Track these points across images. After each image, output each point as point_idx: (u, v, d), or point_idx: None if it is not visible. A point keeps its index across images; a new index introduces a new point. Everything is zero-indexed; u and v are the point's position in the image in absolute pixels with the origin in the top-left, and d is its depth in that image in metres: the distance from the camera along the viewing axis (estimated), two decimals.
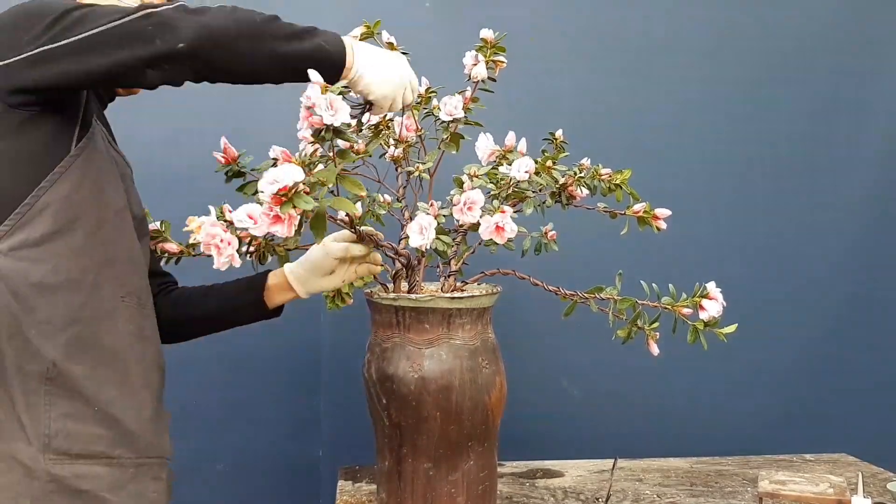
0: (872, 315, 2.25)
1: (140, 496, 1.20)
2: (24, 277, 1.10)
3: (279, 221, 1.02)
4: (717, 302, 1.32)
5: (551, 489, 1.72)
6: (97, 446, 1.15)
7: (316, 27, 1.17)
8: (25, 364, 1.10)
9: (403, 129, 1.48)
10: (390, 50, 1.32)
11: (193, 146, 1.94)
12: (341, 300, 1.54)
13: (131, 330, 1.23)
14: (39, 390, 1.11)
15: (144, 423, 1.22)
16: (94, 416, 1.14)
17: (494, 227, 1.31)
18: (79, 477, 1.13)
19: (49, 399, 1.11)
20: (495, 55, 1.44)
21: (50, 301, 1.12)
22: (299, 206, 1.01)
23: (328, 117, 1.05)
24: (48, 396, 1.11)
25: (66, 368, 1.12)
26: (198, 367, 1.88)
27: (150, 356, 1.28)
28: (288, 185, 1.00)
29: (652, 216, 1.47)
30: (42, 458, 1.10)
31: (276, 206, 1.01)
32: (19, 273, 1.10)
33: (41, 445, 1.10)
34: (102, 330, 1.18)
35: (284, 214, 1.01)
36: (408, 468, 1.40)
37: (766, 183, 2.20)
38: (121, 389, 1.19)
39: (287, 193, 1.00)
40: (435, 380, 1.35)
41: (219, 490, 2.01)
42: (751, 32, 2.18)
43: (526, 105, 2.02)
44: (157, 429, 1.26)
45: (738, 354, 2.01)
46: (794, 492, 1.46)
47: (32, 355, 1.10)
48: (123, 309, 1.22)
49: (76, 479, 1.12)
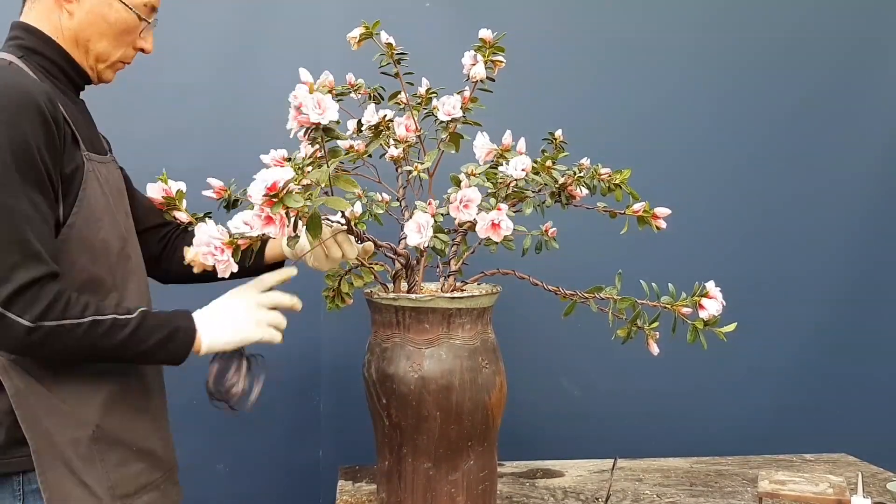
0: (872, 315, 2.26)
1: (167, 502, 1.31)
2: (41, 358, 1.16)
3: (271, 222, 1.03)
4: (716, 301, 1.32)
5: (551, 489, 1.72)
6: (143, 479, 1.26)
7: (173, 329, 1.20)
8: (73, 433, 1.17)
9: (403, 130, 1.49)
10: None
11: (194, 145, 1.94)
12: (341, 300, 1.55)
13: (149, 367, 1.31)
14: (92, 451, 1.19)
15: (164, 442, 1.33)
16: (134, 455, 1.25)
17: (490, 225, 1.30)
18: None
19: (101, 456, 1.20)
20: (494, 55, 1.44)
21: (71, 371, 1.18)
22: (289, 204, 1.01)
23: (315, 116, 1.06)
24: (100, 454, 1.20)
25: (107, 424, 1.21)
26: (198, 367, 1.88)
27: (160, 379, 1.38)
28: (277, 182, 1.00)
29: (651, 215, 1.47)
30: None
31: (268, 207, 1.01)
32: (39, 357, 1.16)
33: (110, 498, 1.19)
34: (126, 378, 1.26)
35: (275, 215, 1.02)
36: (408, 468, 1.40)
37: (766, 182, 2.21)
38: (147, 423, 1.29)
39: (277, 194, 1.01)
40: (435, 379, 1.35)
41: (219, 490, 2.01)
42: (751, 32, 2.18)
43: (525, 105, 2.01)
44: (169, 440, 1.36)
45: (738, 354, 2.02)
46: (793, 492, 1.46)
47: (77, 424, 1.18)
48: None
49: None
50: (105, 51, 1.28)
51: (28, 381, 1.15)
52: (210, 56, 1.99)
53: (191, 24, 1.98)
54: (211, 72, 1.99)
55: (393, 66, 1.42)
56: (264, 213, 1.02)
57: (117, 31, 1.27)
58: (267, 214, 1.02)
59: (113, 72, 1.33)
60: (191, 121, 1.97)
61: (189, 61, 1.98)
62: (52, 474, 1.14)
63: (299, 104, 1.06)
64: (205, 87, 1.99)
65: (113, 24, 1.26)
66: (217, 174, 1.46)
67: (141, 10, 1.27)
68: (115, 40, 1.27)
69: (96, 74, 1.31)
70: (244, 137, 1.92)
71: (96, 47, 1.27)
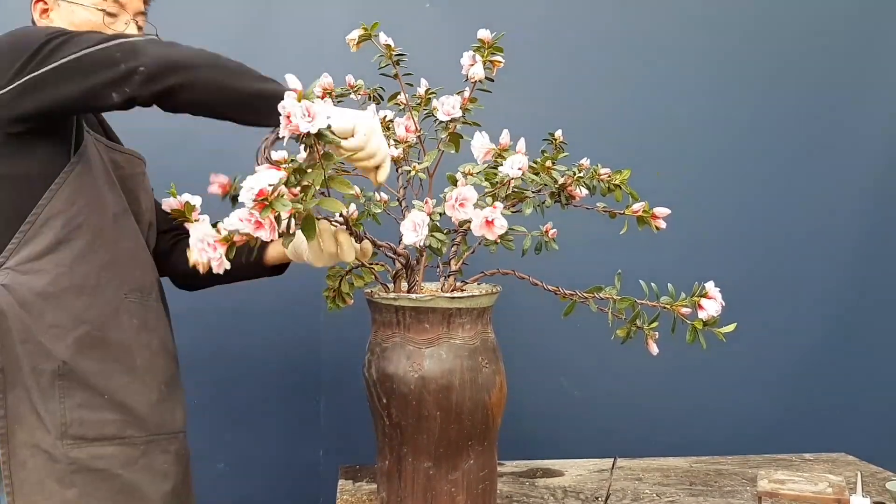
0: (872, 315, 2.26)
1: (150, 469, 1.35)
2: (30, 288, 1.24)
3: (261, 227, 1.03)
4: (715, 301, 1.32)
5: (551, 489, 1.72)
6: (109, 430, 1.29)
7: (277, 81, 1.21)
8: (38, 364, 1.23)
9: (403, 130, 1.49)
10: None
11: (194, 145, 1.94)
12: (342, 300, 1.55)
13: (135, 324, 1.36)
14: (53, 386, 1.24)
15: (152, 405, 1.36)
16: (105, 403, 1.29)
17: (484, 222, 1.30)
18: (94, 457, 1.27)
19: (63, 393, 1.25)
20: (493, 55, 1.44)
21: (56, 306, 1.25)
22: (277, 209, 1.02)
23: (304, 125, 1.06)
24: (62, 391, 1.25)
25: (76, 365, 1.26)
26: (199, 367, 1.89)
27: (156, 344, 1.41)
28: (264, 189, 1.01)
29: (651, 215, 1.47)
30: (61, 444, 1.24)
31: (257, 211, 1.02)
32: (26, 284, 1.24)
33: (59, 433, 1.24)
34: (108, 327, 1.31)
35: (264, 219, 1.02)
36: (408, 468, 1.40)
37: (766, 182, 2.21)
38: (128, 378, 1.32)
39: (266, 198, 1.01)
40: (435, 379, 1.35)
41: (219, 490, 2.01)
42: (750, 31, 2.19)
43: (525, 105, 2.02)
44: (166, 408, 1.40)
45: (737, 354, 2.02)
46: (793, 491, 1.46)
47: (45, 356, 1.24)
48: (127, 305, 1.35)
49: (92, 459, 1.27)
50: None
51: (12, 305, 1.23)
52: None
53: (191, 24, 1.98)
54: None
55: (392, 68, 1.42)
56: (254, 217, 1.03)
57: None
58: (256, 219, 1.03)
59: None
60: (191, 121, 1.96)
61: None
62: (11, 396, 1.23)
63: (288, 114, 1.06)
64: None
65: (79, 27, 1.31)
66: (220, 170, 1.46)
67: (101, 6, 1.33)
68: None
69: None
70: (244, 137, 1.92)
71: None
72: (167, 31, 1.95)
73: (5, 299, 1.23)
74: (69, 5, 1.32)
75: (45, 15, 1.35)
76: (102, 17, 1.33)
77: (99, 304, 1.30)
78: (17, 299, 1.23)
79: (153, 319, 1.41)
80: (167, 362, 1.44)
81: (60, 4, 1.33)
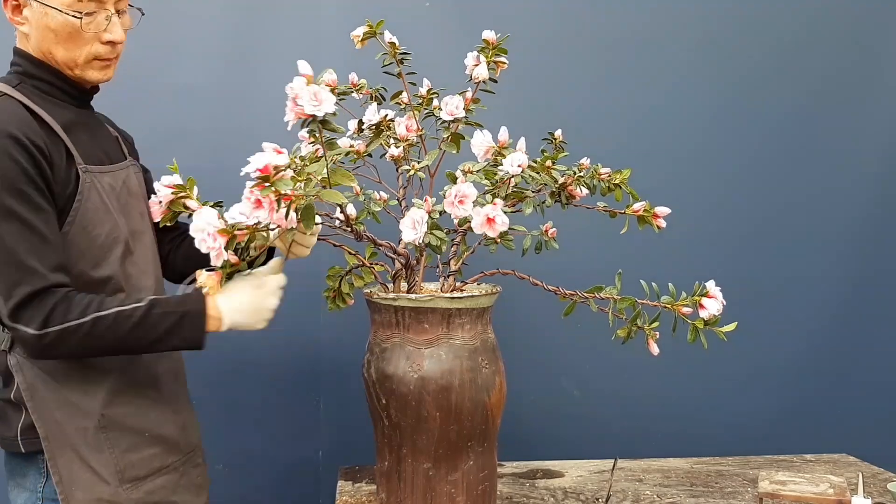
0: (872, 315, 2.25)
1: (191, 486, 1.41)
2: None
3: (260, 206, 1.03)
4: (716, 301, 1.32)
5: (551, 489, 1.72)
6: (156, 463, 1.34)
7: (182, 314, 1.24)
8: (80, 423, 1.27)
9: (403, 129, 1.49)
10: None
11: (194, 145, 1.94)
12: (342, 300, 1.54)
13: (154, 356, 1.36)
14: (100, 439, 1.28)
15: (180, 427, 1.40)
16: (147, 441, 1.33)
17: (486, 219, 1.30)
18: (150, 493, 1.32)
19: (110, 443, 1.29)
20: (497, 56, 1.43)
21: (81, 365, 1.27)
22: (279, 189, 1.01)
23: (311, 108, 1.06)
24: (108, 441, 1.29)
25: (113, 414, 1.29)
26: (198, 367, 1.88)
27: (174, 366, 1.43)
28: (268, 165, 1.00)
29: (652, 215, 1.47)
30: (121, 489, 1.29)
31: (258, 190, 1.01)
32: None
33: (118, 481, 1.28)
34: (132, 369, 1.33)
35: (264, 197, 1.02)
36: (408, 468, 1.40)
37: (766, 182, 2.20)
38: (158, 409, 1.36)
39: (268, 177, 1.01)
40: (435, 380, 1.35)
41: (219, 490, 2.00)
42: (750, 31, 2.18)
43: (526, 105, 2.01)
44: (188, 424, 1.44)
45: (738, 354, 2.01)
46: (794, 492, 1.46)
47: (83, 415, 1.27)
48: None
49: (148, 495, 1.32)
50: (67, 56, 1.30)
51: (39, 376, 1.25)
52: (210, 56, 1.99)
53: (191, 24, 1.98)
54: (211, 71, 1.99)
55: (396, 66, 1.42)
56: (254, 195, 1.02)
57: (63, 36, 1.28)
58: (256, 197, 1.02)
59: (96, 70, 1.33)
60: (191, 120, 1.97)
61: (189, 61, 1.98)
62: (62, 460, 1.25)
63: (295, 96, 1.06)
64: (205, 86, 1.99)
65: (56, 31, 1.27)
66: (217, 174, 1.46)
67: (76, 7, 1.26)
68: (68, 44, 1.28)
69: (81, 78, 1.33)
70: (244, 137, 1.91)
71: (58, 56, 1.30)
72: (168, 30, 1.96)
73: (33, 372, 1.25)
74: (42, 6, 1.25)
75: (17, 12, 1.29)
76: (80, 22, 1.26)
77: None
78: (44, 369, 1.25)
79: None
80: (183, 378, 1.48)
81: (32, 4, 1.26)
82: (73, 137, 1.28)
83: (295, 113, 1.08)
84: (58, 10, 1.25)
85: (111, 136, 1.43)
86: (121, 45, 1.33)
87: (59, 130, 1.26)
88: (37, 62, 1.30)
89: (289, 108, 1.08)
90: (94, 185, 1.28)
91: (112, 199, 1.32)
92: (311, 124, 1.08)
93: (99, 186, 1.29)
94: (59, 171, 1.23)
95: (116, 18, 1.31)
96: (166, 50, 1.96)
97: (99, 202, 1.28)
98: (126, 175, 1.38)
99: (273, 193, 1.02)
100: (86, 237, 1.26)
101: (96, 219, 1.27)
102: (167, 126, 1.93)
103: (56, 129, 1.25)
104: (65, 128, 1.27)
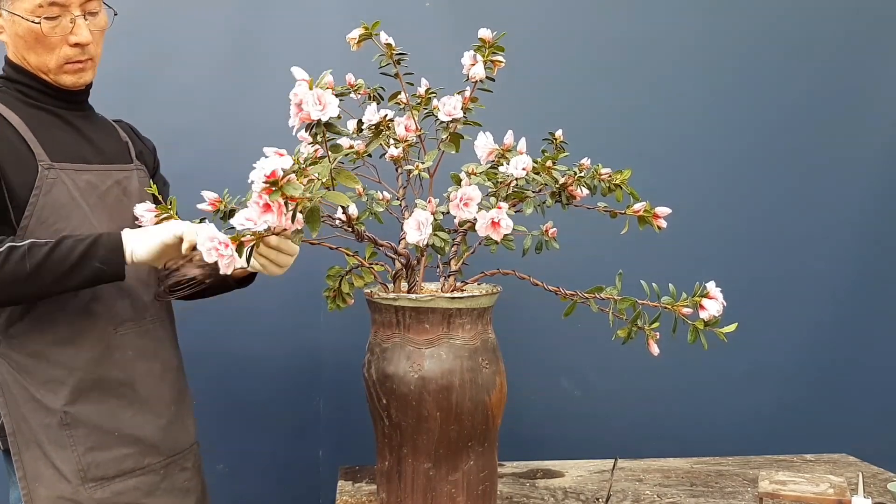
0: (874, 315, 2.25)
1: (173, 490, 1.39)
2: (21, 350, 1.28)
3: (269, 210, 1.03)
4: (717, 301, 1.32)
5: (551, 489, 1.72)
6: (127, 464, 1.33)
7: (95, 237, 1.22)
8: (43, 419, 1.28)
9: (403, 129, 1.49)
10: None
11: (194, 145, 1.94)
12: (342, 300, 1.54)
13: (131, 355, 1.36)
14: (62, 436, 1.28)
15: (163, 429, 1.39)
16: (117, 440, 1.32)
17: (490, 223, 1.30)
18: (118, 493, 1.31)
19: (73, 441, 1.29)
20: (493, 55, 1.43)
21: (46, 362, 1.28)
22: (288, 193, 1.01)
23: (316, 112, 1.06)
24: (71, 439, 1.28)
25: (77, 412, 1.29)
26: (198, 367, 1.88)
27: (158, 367, 1.41)
28: (276, 171, 1.00)
29: (652, 215, 1.47)
30: (83, 488, 1.28)
31: (266, 195, 1.01)
32: (17, 348, 1.28)
33: (79, 480, 1.28)
34: (102, 367, 1.32)
35: (273, 202, 1.02)
36: (408, 468, 1.40)
37: (767, 182, 2.20)
38: (133, 409, 1.35)
39: (276, 181, 1.01)
40: (435, 380, 1.35)
41: (219, 490, 2.01)
42: (751, 32, 2.18)
43: (525, 105, 2.01)
44: (177, 427, 1.42)
45: (738, 354, 2.01)
46: (794, 492, 1.46)
47: (46, 411, 1.28)
48: (119, 340, 1.35)
49: (116, 496, 1.31)
50: (39, 61, 1.33)
51: (11, 373, 1.28)
52: (210, 56, 1.99)
53: (191, 24, 1.98)
54: (211, 72, 1.99)
55: (392, 67, 1.42)
56: (262, 200, 1.02)
57: (30, 41, 1.31)
58: (265, 202, 1.02)
59: (71, 74, 1.35)
60: (191, 121, 1.97)
61: (189, 61, 1.98)
62: (27, 455, 1.28)
63: (300, 101, 1.06)
64: (205, 87, 1.99)
65: (24, 37, 1.31)
66: (217, 174, 1.46)
67: (38, 13, 1.29)
68: (37, 48, 1.31)
69: (57, 83, 1.35)
70: (244, 137, 1.91)
71: (31, 61, 1.33)
72: (168, 30, 1.95)
73: (4, 368, 1.29)
74: (11, 16, 1.30)
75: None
76: (40, 27, 1.29)
77: (86, 348, 1.31)
78: (13, 365, 1.28)
79: (151, 343, 1.41)
80: (173, 378, 1.45)
81: (3, 13, 1.31)
82: (42, 136, 1.30)
83: (300, 118, 1.08)
84: (20, 16, 1.29)
85: (114, 138, 1.44)
86: (90, 46, 1.34)
87: (21, 129, 1.28)
88: (17, 67, 1.35)
89: (293, 112, 1.08)
90: (62, 181, 1.30)
91: (89, 197, 1.32)
92: (316, 128, 1.08)
93: (69, 183, 1.30)
94: (8, 164, 1.25)
95: (82, 21, 1.32)
96: (166, 50, 1.96)
97: (66, 198, 1.29)
98: (124, 177, 1.38)
99: (282, 197, 1.02)
100: (45, 231, 1.26)
101: (59, 214, 1.28)
102: (166, 126, 1.92)
103: (17, 128, 1.28)
104: (32, 127, 1.30)
